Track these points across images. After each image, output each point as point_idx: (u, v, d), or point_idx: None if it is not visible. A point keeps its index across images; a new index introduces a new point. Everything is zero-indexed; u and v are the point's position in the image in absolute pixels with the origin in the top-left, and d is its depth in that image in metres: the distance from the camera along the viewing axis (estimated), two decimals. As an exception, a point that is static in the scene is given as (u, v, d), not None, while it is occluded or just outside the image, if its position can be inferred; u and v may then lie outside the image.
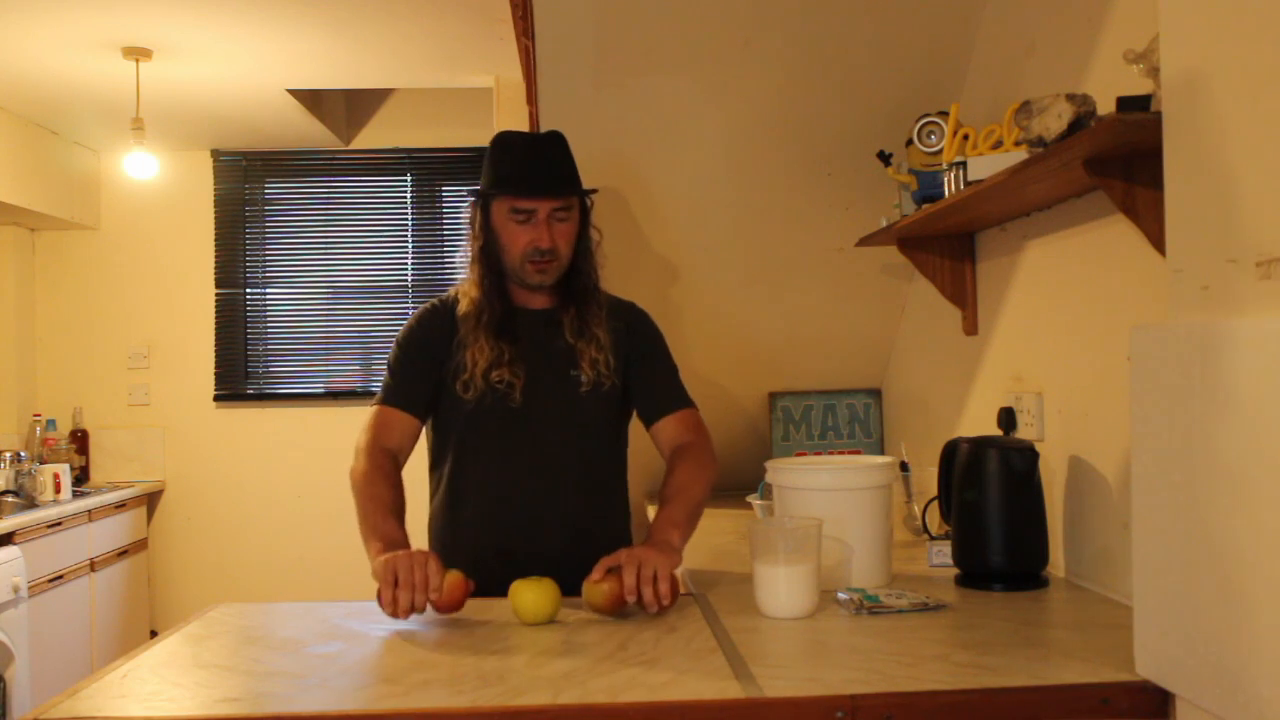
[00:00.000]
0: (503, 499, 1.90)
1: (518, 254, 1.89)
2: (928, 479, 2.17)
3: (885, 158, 2.25)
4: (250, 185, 5.17)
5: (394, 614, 1.57)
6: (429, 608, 1.61)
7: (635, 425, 2.06)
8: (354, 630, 1.61)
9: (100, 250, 5.09)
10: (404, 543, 1.71)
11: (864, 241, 2.44)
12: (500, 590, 1.69)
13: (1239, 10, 1.11)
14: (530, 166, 1.89)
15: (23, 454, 4.29)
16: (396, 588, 1.56)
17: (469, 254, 1.95)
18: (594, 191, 1.96)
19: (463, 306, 1.93)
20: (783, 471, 1.86)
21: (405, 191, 5.17)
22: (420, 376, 1.93)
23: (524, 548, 1.86)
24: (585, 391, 1.91)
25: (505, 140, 1.94)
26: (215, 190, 5.14)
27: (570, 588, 1.66)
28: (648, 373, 2.00)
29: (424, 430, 1.98)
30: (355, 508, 1.81)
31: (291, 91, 4.29)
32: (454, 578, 1.62)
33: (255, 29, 3.55)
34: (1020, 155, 1.66)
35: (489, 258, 1.92)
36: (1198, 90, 1.18)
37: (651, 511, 2.97)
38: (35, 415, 4.83)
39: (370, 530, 1.74)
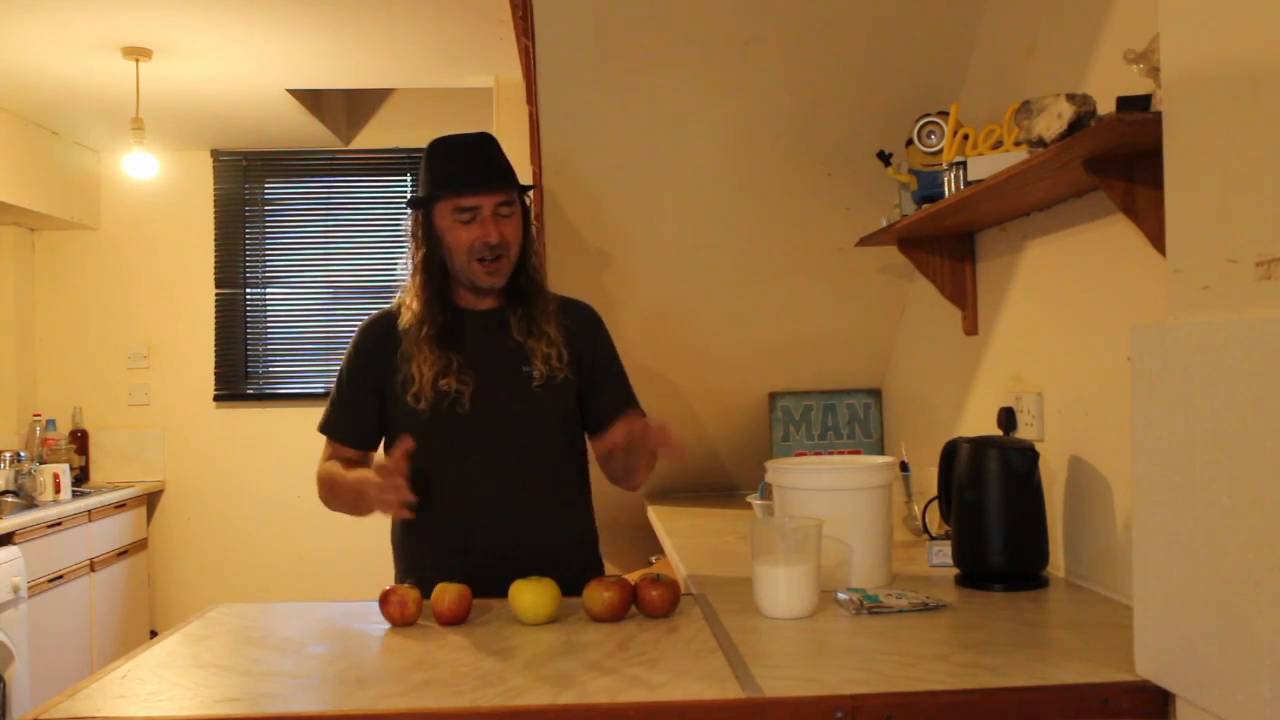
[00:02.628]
0: (463, 503, 1.88)
1: (464, 255, 1.87)
2: (928, 479, 2.17)
3: (885, 158, 2.25)
4: (250, 185, 5.17)
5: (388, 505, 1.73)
6: (432, 619, 1.62)
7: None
8: (354, 630, 1.61)
9: (100, 250, 5.09)
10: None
11: (864, 241, 2.44)
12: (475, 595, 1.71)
13: (1239, 10, 1.11)
14: (468, 165, 1.89)
15: (23, 454, 4.29)
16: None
17: (410, 265, 1.94)
18: (531, 188, 1.97)
19: (404, 319, 1.91)
20: (783, 471, 1.86)
21: (405, 191, 5.16)
22: (364, 408, 1.96)
23: (488, 548, 1.85)
24: (538, 386, 1.91)
25: (439, 145, 1.93)
26: (215, 190, 5.14)
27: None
28: (599, 387, 2.00)
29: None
30: (327, 496, 1.94)
31: (291, 91, 4.29)
32: (457, 591, 1.63)
33: (255, 29, 3.55)
34: (1020, 155, 1.66)
35: (432, 265, 1.90)
36: (1198, 90, 1.18)
37: (652, 511, 2.97)
38: (35, 415, 4.83)
39: (344, 484, 1.88)
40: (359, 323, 2.02)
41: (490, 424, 1.89)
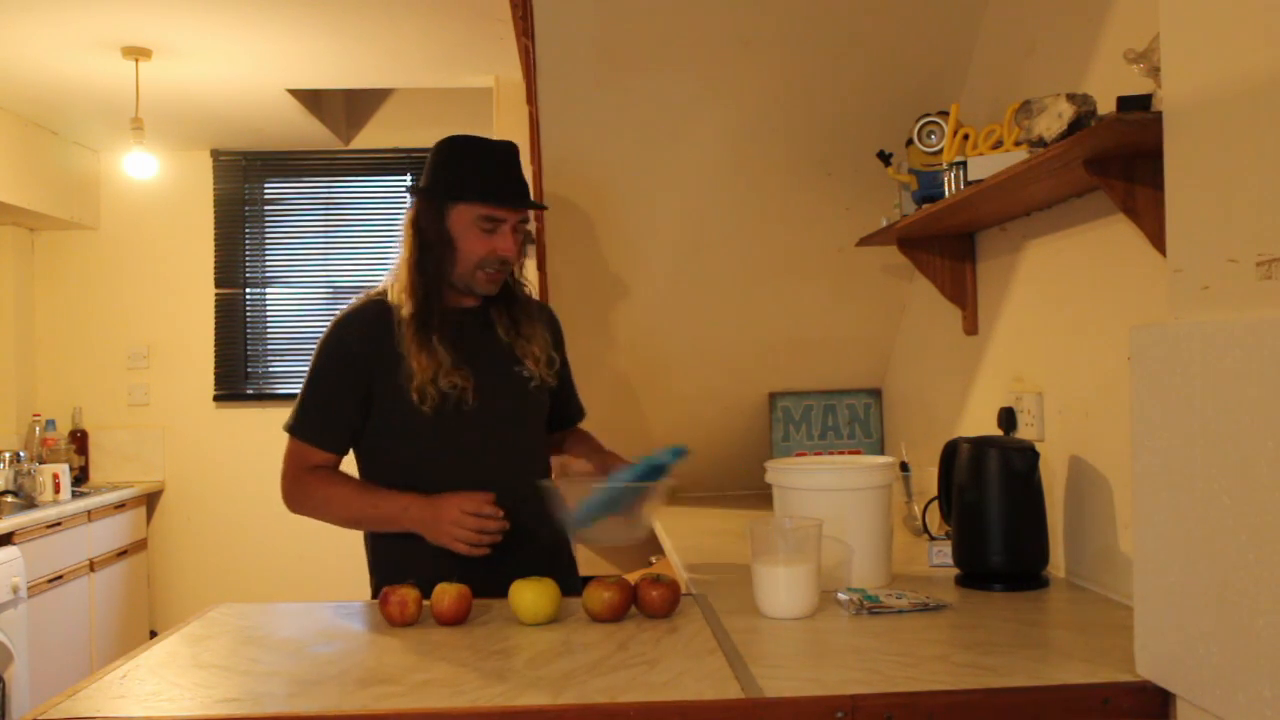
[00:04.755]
0: None
1: (474, 262, 1.86)
2: (928, 479, 2.17)
3: (885, 158, 2.25)
4: (250, 185, 5.17)
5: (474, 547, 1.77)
6: (431, 619, 1.63)
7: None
8: (354, 630, 1.61)
9: (100, 250, 5.09)
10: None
11: (864, 241, 2.44)
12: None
13: (1239, 10, 1.11)
14: (504, 176, 1.87)
15: (22, 454, 4.28)
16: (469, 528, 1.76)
17: (405, 254, 1.89)
18: (545, 207, 2.03)
19: (406, 310, 1.85)
20: (783, 471, 1.86)
21: (405, 191, 5.16)
22: (349, 409, 1.87)
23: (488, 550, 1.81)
24: (534, 387, 1.94)
25: (469, 145, 1.90)
26: (215, 190, 5.14)
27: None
28: (563, 390, 2.06)
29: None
30: (324, 511, 1.90)
31: (291, 91, 4.29)
32: (457, 591, 1.62)
33: (255, 29, 3.55)
34: (1020, 155, 1.66)
35: (435, 260, 1.86)
36: (1198, 90, 1.18)
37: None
38: (35, 415, 4.83)
39: (368, 503, 1.85)
40: None
41: (493, 424, 1.89)
